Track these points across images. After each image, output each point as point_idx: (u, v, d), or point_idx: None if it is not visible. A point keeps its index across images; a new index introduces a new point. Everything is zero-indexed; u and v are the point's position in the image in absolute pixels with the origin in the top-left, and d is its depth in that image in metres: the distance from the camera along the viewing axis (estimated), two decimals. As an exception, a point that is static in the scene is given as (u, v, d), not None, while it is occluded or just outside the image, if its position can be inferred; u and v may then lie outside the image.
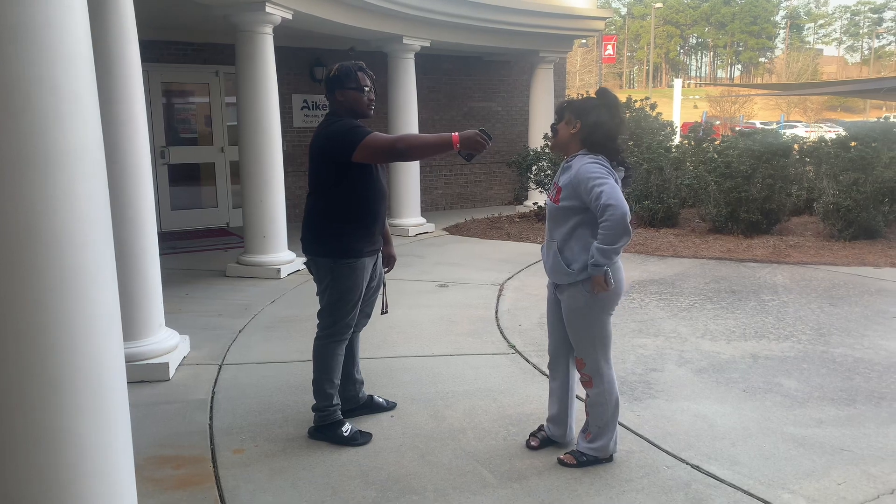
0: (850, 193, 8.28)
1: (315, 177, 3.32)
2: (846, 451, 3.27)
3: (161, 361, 4.17)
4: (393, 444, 3.36)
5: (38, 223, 1.49)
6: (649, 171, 9.55)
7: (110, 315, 1.67)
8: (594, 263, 2.86)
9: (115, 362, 1.68)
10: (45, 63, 1.44)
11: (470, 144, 3.02)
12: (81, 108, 1.53)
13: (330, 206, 3.28)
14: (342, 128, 3.20)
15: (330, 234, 3.29)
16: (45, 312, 1.53)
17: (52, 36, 1.44)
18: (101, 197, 1.63)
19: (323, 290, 3.36)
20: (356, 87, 3.27)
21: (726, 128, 27.86)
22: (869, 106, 61.99)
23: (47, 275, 1.52)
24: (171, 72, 9.44)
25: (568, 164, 3.05)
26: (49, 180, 1.50)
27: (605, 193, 2.80)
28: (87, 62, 1.56)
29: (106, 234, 1.63)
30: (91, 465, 1.62)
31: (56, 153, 1.48)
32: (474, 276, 6.98)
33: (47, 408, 1.57)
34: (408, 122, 9.35)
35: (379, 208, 3.39)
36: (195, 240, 9.05)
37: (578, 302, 2.99)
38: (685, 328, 5.21)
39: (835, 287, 6.36)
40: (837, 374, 4.27)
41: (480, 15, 9.48)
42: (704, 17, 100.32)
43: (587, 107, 3.01)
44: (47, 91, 1.45)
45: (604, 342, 3.08)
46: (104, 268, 1.63)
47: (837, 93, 29.67)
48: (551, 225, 3.10)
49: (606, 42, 29.55)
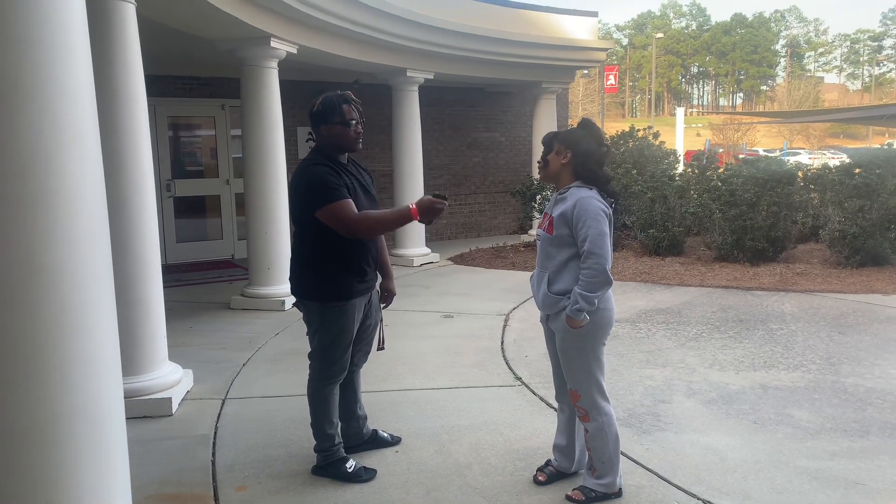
0: (856, 220, 8.25)
1: (296, 216, 3.21)
2: (861, 484, 3.20)
3: (164, 396, 4.13)
4: (398, 480, 3.30)
5: (37, 260, 1.49)
6: (653, 199, 9.55)
7: (109, 353, 1.65)
8: (577, 308, 2.87)
9: (113, 402, 1.66)
10: (48, 104, 1.44)
11: (428, 212, 2.99)
12: (83, 148, 1.53)
13: (316, 247, 3.16)
14: (317, 180, 3.06)
15: (317, 276, 3.17)
16: (42, 350, 1.51)
17: (55, 82, 1.44)
18: (101, 233, 1.62)
19: (313, 333, 3.27)
20: (341, 122, 3.16)
21: (730, 155, 27.95)
22: (871, 133, 62.13)
23: (46, 312, 1.51)
24: (177, 106, 9.54)
25: (562, 195, 3.05)
26: (48, 217, 1.49)
27: (590, 239, 2.86)
28: (90, 103, 1.57)
29: (106, 271, 1.62)
30: (89, 498, 1.59)
31: (57, 191, 1.48)
32: (479, 306, 6.94)
33: (45, 450, 1.54)
34: (412, 153, 9.41)
35: (369, 245, 3.28)
36: (200, 272, 9.05)
37: (570, 332, 2.97)
38: (693, 358, 5.15)
39: (843, 315, 6.30)
40: (849, 404, 4.20)
41: (483, 47, 9.59)
42: (705, 47, 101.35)
43: (575, 137, 3.04)
44: (49, 130, 1.45)
45: (597, 373, 3.04)
46: (104, 306, 1.62)
47: (840, 120, 29.78)
48: (543, 255, 3.09)
49: (608, 72, 29.84)
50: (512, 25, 10.11)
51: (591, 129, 3.08)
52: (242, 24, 5.94)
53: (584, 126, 3.09)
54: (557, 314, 3.00)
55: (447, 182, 11.83)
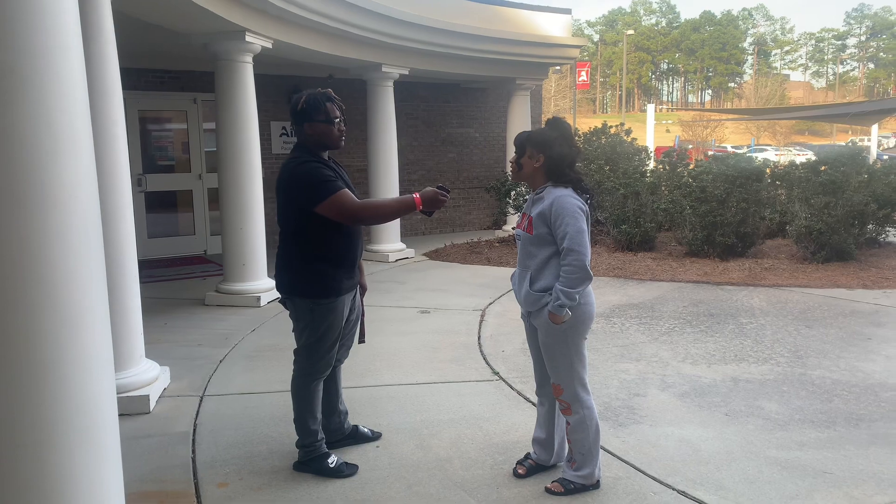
0: (821, 217, 8.46)
1: (285, 216, 3.21)
2: (828, 473, 3.31)
3: (142, 394, 4.11)
4: (379, 475, 3.33)
5: (32, 258, 1.48)
6: (626, 196, 9.68)
7: (104, 352, 1.65)
8: (559, 304, 2.94)
9: (107, 398, 1.66)
10: (43, 104, 1.44)
11: (431, 203, 3.05)
12: (77, 147, 1.53)
13: (307, 245, 3.17)
14: (312, 176, 3.07)
15: (308, 274, 3.18)
16: (37, 350, 1.51)
17: (49, 79, 1.44)
18: (95, 231, 1.62)
19: (301, 329, 3.28)
20: (325, 120, 3.15)
21: (699, 152, 28.38)
22: (835, 130, 63.52)
23: (40, 310, 1.50)
24: (148, 99, 9.40)
25: (539, 195, 3.11)
26: (43, 215, 1.49)
27: (569, 237, 2.94)
28: (83, 102, 1.57)
29: (99, 269, 1.62)
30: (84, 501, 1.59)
31: (51, 190, 1.48)
32: (455, 301, 6.98)
33: (40, 446, 1.54)
34: (387, 148, 9.41)
35: (358, 242, 3.31)
36: (173, 268, 8.95)
37: (552, 327, 3.02)
38: (666, 352, 5.26)
39: (810, 309, 6.47)
40: (816, 396, 4.34)
41: (458, 43, 9.62)
42: (675, 44, 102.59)
43: (547, 139, 3.07)
44: (44, 131, 1.45)
45: (579, 367, 3.10)
46: (97, 304, 1.62)
47: (806, 117, 30.41)
48: (524, 255, 3.15)
49: (580, 68, 30.05)
50: (487, 22, 10.15)
51: (563, 130, 3.12)
52: (217, 18, 5.89)
53: (554, 127, 3.13)
54: (540, 311, 3.06)
55: (421, 178, 11.85)
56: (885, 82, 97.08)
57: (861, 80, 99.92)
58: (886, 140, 48.31)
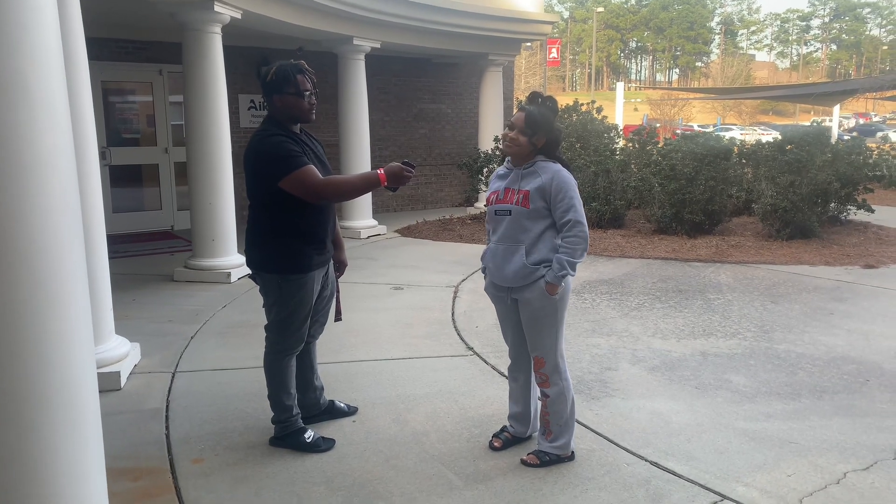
0: (786, 195, 8.63)
1: (253, 190, 3.15)
2: (794, 443, 3.41)
3: (112, 370, 4.04)
4: (357, 450, 3.34)
5: (9, 233, 1.43)
6: (597, 173, 9.75)
7: (84, 329, 1.61)
8: (560, 275, 3.00)
9: (89, 380, 1.62)
10: (19, 72, 1.37)
11: (396, 178, 3.03)
12: (54, 116, 1.47)
13: (275, 219, 3.12)
14: (277, 150, 3.02)
15: (276, 248, 3.14)
16: (18, 328, 1.46)
17: (23, 38, 1.38)
18: (73, 204, 1.57)
19: (270, 305, 3.25)
20: (295, 93, 3.10)
21: (667, 130, 28.63)
22: (798, 110, 64.67)
23: (20, 286, 1.45)
24: (111, 70, 9.14)
25: (528, 170, 3.10)
26: (21, 188, 1.43)
27: (574, 209, 3.03)
28: (59, 66, 1.50)
29: (78, 244, 1.57)
30: (65, 480, 1.56)
31: (29, 160, 1.42)
32: (428, 278, 6.99)
33: (19, 417, 1.50)
34: (358, 123, 9.31)
35: (328, 217, 3.27)
36: (139, 243, 8.79)
37: (546, 299, 3.05)
38: (637, 327, 5.34)
39: (775, 285, 6.62)
40: (782, 369, 4.45)
41: (431, 17, 9.51)
42: (644, 22, 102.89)
43: (550, 121, 3.13)
44: (21, 100, 1.39)
45: (562, 338, 3.20)
46: (78, 280, 1.57)
47: (771, 97, 30.87)
48: (514, 229, 3.09)
49: (551, 45, 29.99)
50: (460, -4, 10.05)
51: (556, 109, 3.20)
52: (185, -13, 5.73)
53: (551, 108, 3.15)
54: (532, 284, 3.07)
55: (393, 154, 11.77)
56: (847, 63, 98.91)
57: (824, 62, 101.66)
58: (846, 121, 49.33)
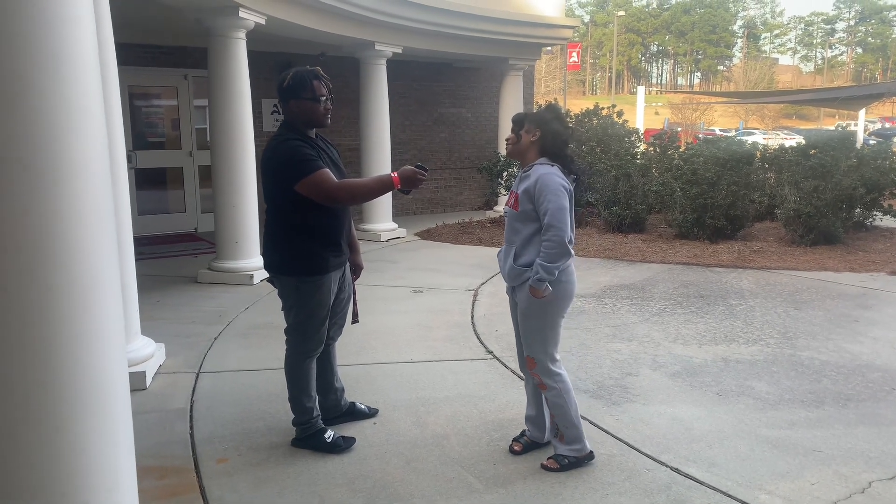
0: (810, 200, 8.54)
1: (270, 194, 3.20)
2: (818, 451, 3.38)
3: (138, 370, 4.11)
4: (377, 451, 3.37)
5: (48, 231, 1.47)
6: (617, 177, 9.71)
7: (116, 328, 1.65)
8: (538, 278, 3.01)
9: (120, 380, 1.66)
10: (56, 73, 1.42)
11: (409, 182, 3.07)
12: (90, 121, 1.52)
13: (291, 222, 3.16)
14: (293, 154, 3.06)
15: (293, 251, 3.18)
16: (53, 325, 1.50)
17: (61, 49, 1.43)
18: (106, 205, 1.61)
19: (289, 308, 3.29)
20: (311, 98, 3.14)
21: (688, 134, 28.42)
22: (823, 114, 63.80)
23: (54, 284, 1.50)
24: (137, 75, 9.28)
25: (526, 173, 3.17)
26: (56, 189, 1.48)
27: (550, 213, 3.00)
28: (95, 75, 1.55)
29: (111, 242, 1.62)
30: (98, 479, 1.60)
31: (68, 163, 1.47)
32: (448, 281, 7.01)
33: (54, 415, 1.54)
34: (379, 127, 9.37)
35: (343, 220, 3.31)
36: (163, 245, 8.91)
37: (533, 301, 3.08)
38: (658, 333, 5.32)
39: (798, 292, 6.56)
40: (805, 376, 4.41)
41: (452, 22, 9.55)
42: (665, 26, 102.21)
43: (545, 117, 3.18)
44: (59, 103, 1.43)
45: (552, 343, 3.18)
46: (110, 279, 1.61)
47: (795, 101, 30.52)
48: (509, 231, 3.22)
49: (571, 49, 29.89)
50: (481, 1, 10.07)
51: (558, 113, 3.26)
52: (211, -7, 5.82)
53: (550, 110, 3.26)
54: (522, 285, 3.13)
55: (413, 158, 11.81)
56: (873, 67, 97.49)
57: (849, 65, 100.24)
58: (872, 125, 48.61)
